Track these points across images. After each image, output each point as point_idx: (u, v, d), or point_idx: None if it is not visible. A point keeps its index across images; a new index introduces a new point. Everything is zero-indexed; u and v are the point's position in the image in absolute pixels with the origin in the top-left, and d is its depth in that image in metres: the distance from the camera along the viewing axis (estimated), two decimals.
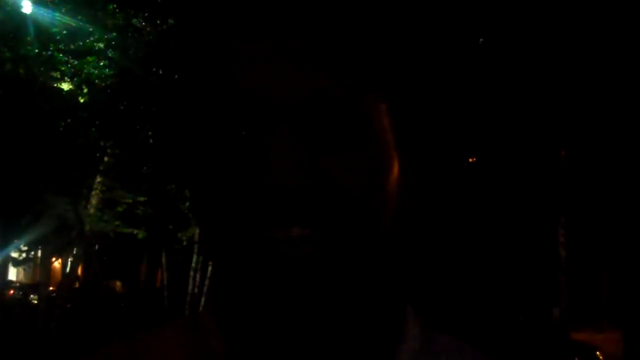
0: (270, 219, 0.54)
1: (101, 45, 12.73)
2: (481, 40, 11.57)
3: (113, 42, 12.52)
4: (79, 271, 21.94)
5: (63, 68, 12.92)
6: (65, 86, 13.35)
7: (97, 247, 24.59)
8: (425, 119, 0.66)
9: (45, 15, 12.04)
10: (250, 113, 0.55)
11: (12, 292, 24.69)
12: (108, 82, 12.85)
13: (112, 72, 12.77)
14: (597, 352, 12.02)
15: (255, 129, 0.55)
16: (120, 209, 17.81)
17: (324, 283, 0.55)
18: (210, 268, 16.83)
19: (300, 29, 0.55)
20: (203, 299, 17.20)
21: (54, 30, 12.26)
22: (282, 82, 0.54)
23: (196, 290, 17.97)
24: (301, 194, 0.53)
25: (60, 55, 12.77)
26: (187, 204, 16.48)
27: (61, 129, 13.12)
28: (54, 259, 28.30)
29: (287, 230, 0.53)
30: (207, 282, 17.51)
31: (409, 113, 0.62)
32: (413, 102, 0.63)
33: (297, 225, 0.54)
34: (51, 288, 21.44)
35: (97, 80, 12.88)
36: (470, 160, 14.31)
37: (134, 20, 12.28)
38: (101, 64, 12.86)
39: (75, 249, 17.43)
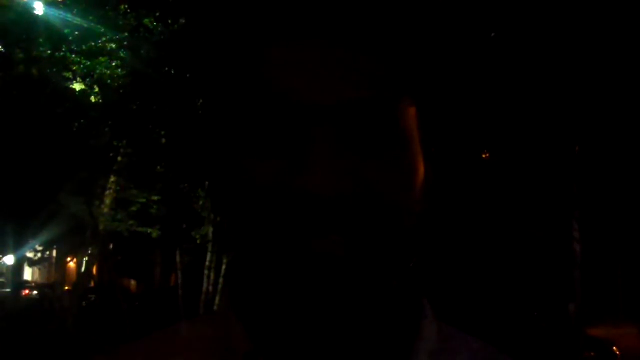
0: (309, 226, 0.54)
1: (113, 45, 12.79)
2: (493, 34, 11.53)
3: (125, 43, 12.57)
4: (94, 271, 22.07)
5: (75, 69, 12.99)
6: (78, 87, 13.43)
7: (111, 246, 24.73)
8: (446, 117, 0.67)
9: (57, 17, 12.11)
10: (289, 118, 0.55)
11: (27, 292, 24.87)
12: (120, 83, 12.91)
13: (124, 72, 12.82)
14: (614, 348, 11.96)
15: (294, 134, 0.55)
16: (134, 208, 17.90)
17: (355, 285, 0.55)
18: (224, 267, 16.87)
19: (340, 36, 0.55)
20: (218, 298, 17.24)
21: (66, 31, 12.33)
22: (322, 88, 0.54)
23: (211, 288, 18.00)
24: (340, 201, 0.53)
25: (73, 56, 12.85)
26: (201, 202, 16.56)
27: (74, 129, 13.19)
28: (69, 259, 28.50)
29: (325, 237, 0.54)
30: (221, 280, 17.55)
31: (434, 114, 0.63)
32: (438, 103, 0.63)
33: (335, 232, 0.54)
34: (66, 287, 21.61)
35: (109, 81, 12.95)
36: (484, 155, 14.27)
37: (146, 21, 12.32)
38: (113, 64, 12.92)
39: (90, 248, 17.53)
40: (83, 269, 18.87)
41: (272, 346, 0.60)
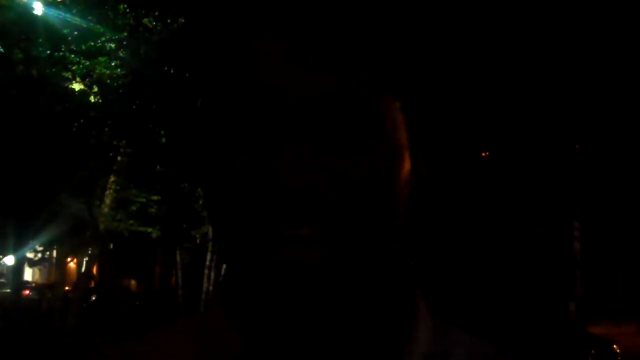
0: (280, 218, 0.53)
1: (112, 45, 12.79)
2: (492, 35, 11.53)
3: (124, 42, 12.57)
4: (94, 271, 22.07)
5: (74, 68, 12.99)
6: (77, 87, 13.43)
7: (111, 246, 24.73)
8: (439, 115, 0.66)
9: (57, 16, 12.11)
10: (263, 111, 0.54)
11: (27, 292, 24.87)
12: (120, 82, 12.91)
13: (123, 72, 12.82)
14: (614, 346, 11.95)
15: (267, 127, 0.54)
16: (134, 208, 17.91)
17: (336, 281, 0.54)
18: (224, 266, 16.90)
19: (315, 28, 0.55)
20: None
21: (65, 31, 12.33)
22: (295, 80, 0.53)
23: (211, 288, 18.01)
24: (310, 192, 0.53)
25: (72, 55, 12.84)
26: (201, 202, 16.57)
27: (74, 129, 13.19)
28: (69, 259, 28.50)
29: (296, 230, 0.53)
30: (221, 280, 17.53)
31: (422, 111, 0.62)
32: (427, 99, 0.63)
33: (307, 224, 0.53)
34: (67, 288, 21.60)
35: (108, 81, 12.95)
36: (484, 154, 14.28)
37: (145, 20, 12.32)
38: (112, 64, 12.92)
39: (90, 248, 17.54)
40: (83, 269, 18.89)
41: (263, 348, 0.60)
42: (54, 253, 30.05)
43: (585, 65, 11.82)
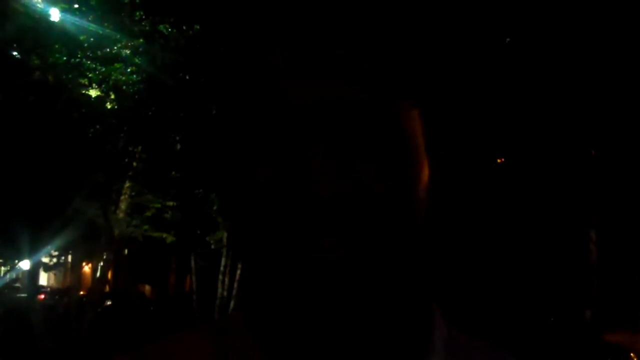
0: (309, 229, 0.53)
1: (128, 52, 12.87)
2: (507, 40, 11.50)
3: (140, 49, 12.64)
4: (109, 276, 22.16)
5: (91, 75, 13.08)
6: (93, 93, 13.52)
7: (126, 251, 24.83)
8: (454, 120, 0.66)
9: (73, 23, 12.19)
10: (287, 123, 0.54)
11: (43, 296, 25.00)
12: (135, 89, 12.97)
13: (139, 78, 12.89)
14: (632, 354, 11.86)
15: (292, 138, 0.54)
16: (149, 213, 17.98)
17: (360, 290, 0.55)
18: (239, 271, 16.90)
19: (336, 40, 0.55)
20: (232, 303, 17.24)
21: (82, 37, 12.41)
22: (319, 92, 0.54)
23: (225, 293, 18.03)
24: (339, 203, 0.53)
25: (88, 62, 12.93)
26: (215, 207, 16.61)
27: (90, 135, 13.27)
28: (84, 264, 28.61)
29: (324, 241, 0.53)
30: (235, 285, 17.58)
31: (439, 117, 0.62)
32: (443, 106, 0.63)
33: (335, 235, 0.53)
34: (81, 292, 21.70)
35: (124, 87, 13.02)
36: (499, 160, 14.22)
37: (161, 27, 12.38)
38: (128, 70, 13.00)
39: (104, 253, 17.61)
40: (98, 274, 18.95)
41: (282, 356, 0.60)
42: (69, 258, 30.19)
43: (604, 71, 11.75)
